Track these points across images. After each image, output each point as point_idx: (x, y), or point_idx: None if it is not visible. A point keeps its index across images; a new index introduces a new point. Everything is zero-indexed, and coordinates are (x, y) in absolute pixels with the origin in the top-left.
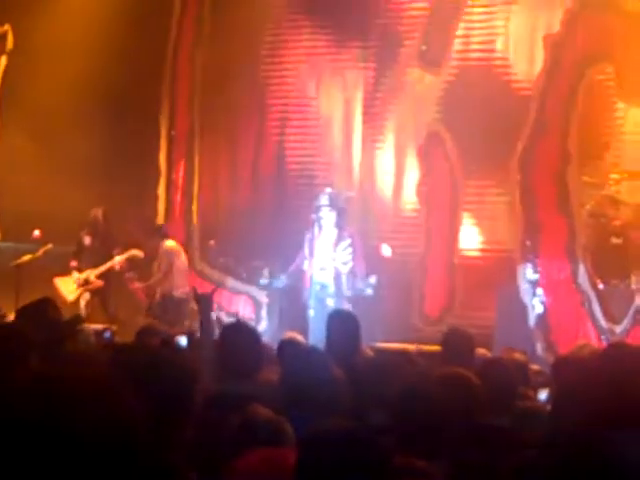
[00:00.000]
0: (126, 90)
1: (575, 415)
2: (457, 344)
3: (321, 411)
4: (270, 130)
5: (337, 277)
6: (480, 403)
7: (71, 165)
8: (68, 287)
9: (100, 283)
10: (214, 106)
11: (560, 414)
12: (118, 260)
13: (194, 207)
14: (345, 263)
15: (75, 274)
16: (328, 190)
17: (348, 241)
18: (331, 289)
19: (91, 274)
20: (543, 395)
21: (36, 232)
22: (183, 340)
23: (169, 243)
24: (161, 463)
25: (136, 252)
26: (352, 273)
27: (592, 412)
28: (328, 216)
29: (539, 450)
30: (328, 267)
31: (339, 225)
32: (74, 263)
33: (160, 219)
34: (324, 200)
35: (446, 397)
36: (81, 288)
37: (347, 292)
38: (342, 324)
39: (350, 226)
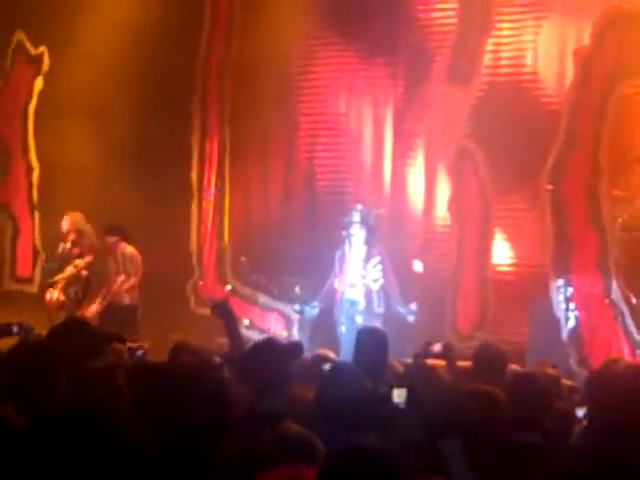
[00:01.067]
0: (157, 109)
1: (610, 430)
2: (488, 360)
3: (353, 427)
4: (300, 147)
5: (368, 294)
6: (507, 419)
7: (104, 185)
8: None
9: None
10: (245, 123)
11: (595, 429)
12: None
13: (226, 224)
14: (375, 280)
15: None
16: (359, 207)
17: (378, 258)
18: (361, 306)
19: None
20: (580, 413)
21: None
22: (217, 358)
23: (131, 248)
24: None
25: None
26: (384, 291)
27: (626, 427)
28: (358, 233)
29: (571, 463)
30: (358, 284)
31: (369, 242)
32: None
33: (193, 238)
34: (355, 217)
35: (471, 412)
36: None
37: (378, 309)
38: (371, 340)
39: (380, 243)
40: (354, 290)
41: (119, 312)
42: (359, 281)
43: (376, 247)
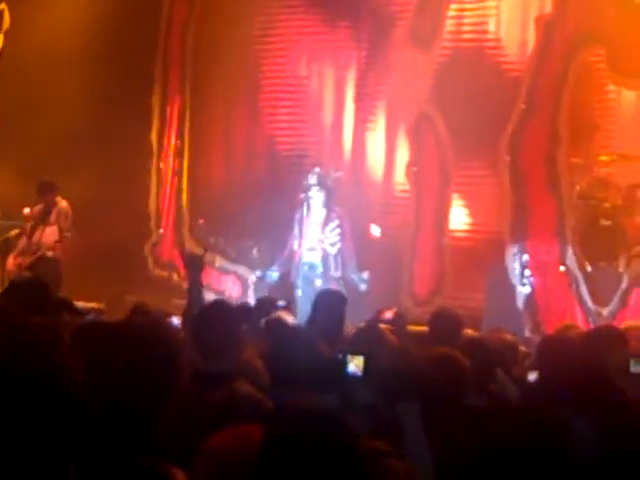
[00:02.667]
0: (118, 69)
1: (552, 394)
2: (444, 324)
3: (306, 390)
4: (262, 110)
5: (325, 258)
6: (468, 383)
7: (62, 143)
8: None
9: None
10: (206, 86)
11: (541, 391)
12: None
13: (184, 186)
14: (333, 244)
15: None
16: (317, 170)
17: (336, 222)
18: (319, 270)
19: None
20: (532, 377)
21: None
22: (176, 320)
23: (65, 203)
24: (143, 440)
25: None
26: (340, 254)
27: (571, 392)
28: (317, 196)
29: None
30: (317, 247)
31: (327, 205)
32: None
33: (152, 198)
34: (313, 180)
35: (435, 377)
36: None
37: (335, 273)
38: (329, 303)
39: (339, 206)
40: (313, 253)
41: (46, 264)
42: (317, 245)
43: (335, 211)
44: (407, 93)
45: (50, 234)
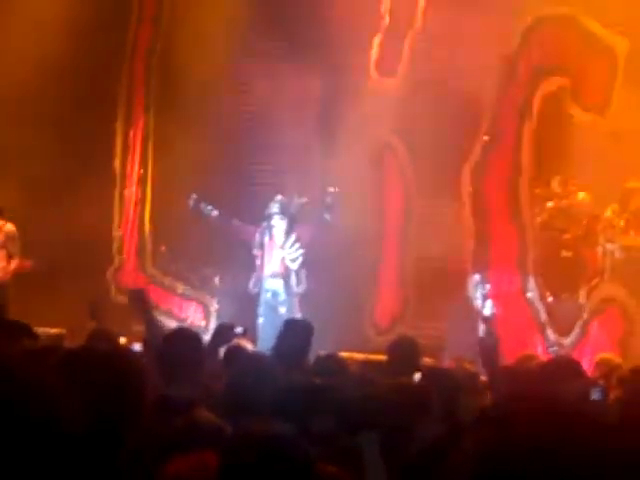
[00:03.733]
0: (82, 94)
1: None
2: (402, 353)
3: (265, 417)
4: (224, 137)
5: (287, 275)
6: (425, 412)
7: (23, 164)
8: None
9: None
10: (170, 113)
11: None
12: None
13: (147, 213)
14: (294, 260)
15: None
16: (278, 197)
17: (293, 237)
18: (282, 297)
19: None
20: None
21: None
22: (137, 346)
23: (10, 225)
24: (110, 467)
25: None
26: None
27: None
28: (279, 224)
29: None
30: (278, 273)
31: (288, 232)
32: None
33: (115, 225)
34: (275, 208)
35: (393, 406)
36: None
37: (297, 289)
38: (296, 331)
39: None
40: (275, 280)
41: None
42: (278, 265)
43: (295, 230)
44: (369, 123)
45: (0, 259)
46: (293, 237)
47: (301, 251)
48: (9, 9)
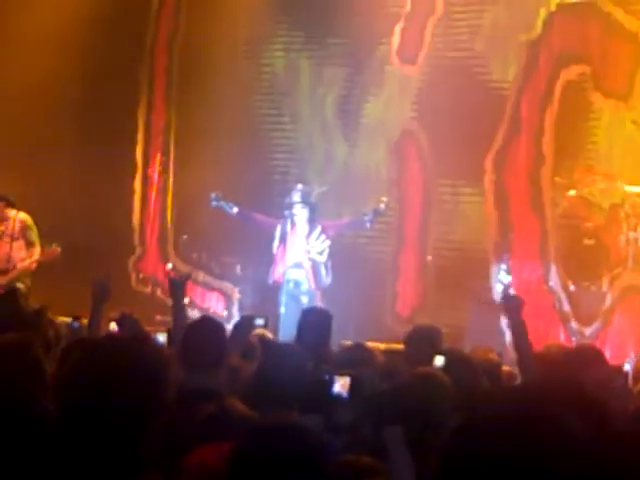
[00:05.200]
0: (103, 84)
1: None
2: (421, 342)
3: (293, 407)
4: (248, 125)
5: (315, 268)
6: (451, 403)
7: (47, 154)
8: None
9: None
10: (191, 101)
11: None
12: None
13: (169, 202)
14: (321, 252)
15: None
16: (300, 186)
17: (319, 229)
18: (304, 286)
19: None
20: None
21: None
22: (162, 337)
23: (23, 214)
24: (132, 457)
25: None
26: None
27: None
28: (301, 212)
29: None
30: (303, 262)
31: (311, 220)
32: None
33: (136, 214)
34: (296, 197)
35: (417, 398)
36: None
37: (327, 280)
38: (316, 321)
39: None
40: (298, 270)
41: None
42: (304, 259)
43: (317, 220)
44: (391, 110)
45: (18, 249)
46: (319, 229)
47: (328, 242)
48: None
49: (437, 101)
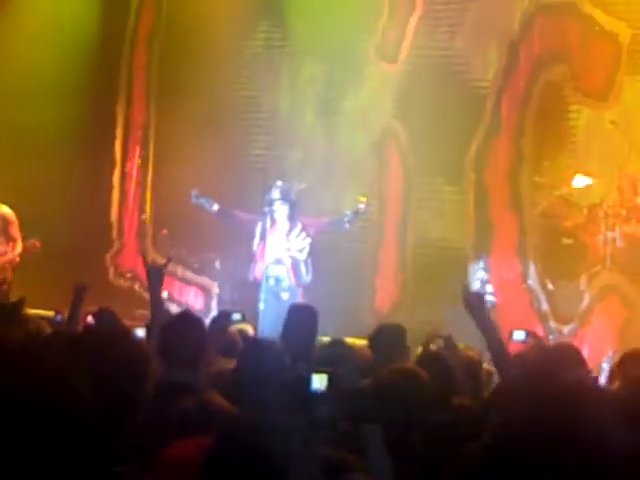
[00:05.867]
0: (83, 77)
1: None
2: (386, 340)
3: (272, 403)
4: (224, 121)
5: (295, 265)
6: (428, 398)
7: (24, 147)
8: None
9: None
10: (170, 96)
11: (501, 409)
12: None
13: (148, 196)
14: (301, 250)
15: None
16: (279, 183)
17: (299, 226)
18: (285, 283)
19: None
20: None
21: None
22: (140, 331)
23: (5, 208)
24: (110, 451)
25: None
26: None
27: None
28: (281, 209)
29: (482, 444)
30: (283, 259)
31: (291, 217)
32: None
33: (114, 208)
34: (276, 193)
35: (394, 394)
36: None
37: (307, 279)
38: (302, 317)
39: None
40: (278, 267)
41: None
42: (284, 254)
43: (297, 218)
44: (371, 107)
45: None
46: (299, 227)
47: (308, 240)
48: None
49: (417, 99)
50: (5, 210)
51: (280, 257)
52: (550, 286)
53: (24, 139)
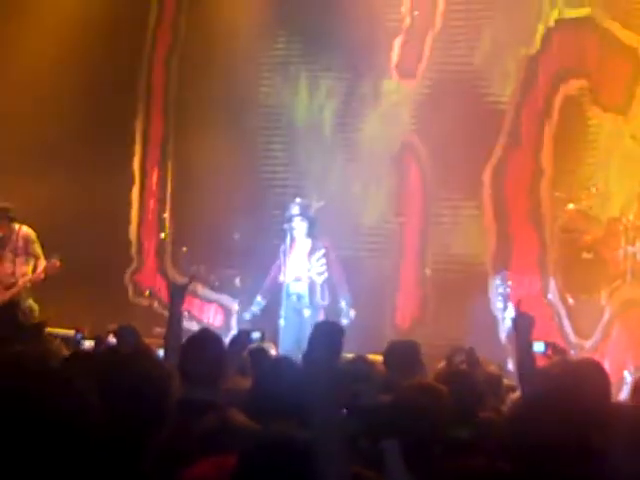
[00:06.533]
0: (102, 95)
1: (535, 425)
2: (398, 356)
3: (289, 421)
4: (245, 137)
5: (312, 287)
6: (448, 414)
7: (43, 165)
8: None
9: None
10: (189, 113)
11: (522, 423)
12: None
13: (167, 214)
14: (320, 274)
15: None
16: (298, 200)
17: (322, 251)
18: (306, 300)
19: None
20: None
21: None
22: (160, 352)
23: (26, 227)
24: (133, 470)
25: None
26: (328, 283)
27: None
28: (300, 226)
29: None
30: (303, 277)
31: (311, 235)
32: None
33: (133, 226)
34: (295, 210)
35: (412, 409)
36: None
37: (322, 302)
38: (327, 334)
39: (323, 236)
40: (299, 284)
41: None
42: (304, 274)
43: (320, 239)
44: (390, 123)
45: (20, 264)
46: (322, 251)
47: (325, 266)
48: (30, 10)
49: (436, 114)
50: (26, 230)
51: (300, 275)
52: (570, 300)
53: (42, 156)
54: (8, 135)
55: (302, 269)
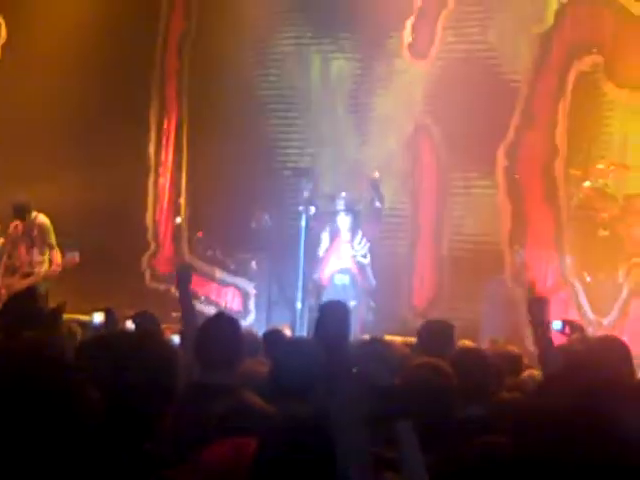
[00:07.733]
0: (116, 82)
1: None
2: (433, 336)
3: (306, 402)
4: (259, 121)
5: (362, 270)
6: (454, 391)
7: (59, 155)
8: None
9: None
10: (203, 99)
11: (544, 401)
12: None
13: (182, 200)
14: (365, 255)
15: None
16: (343, 194)
17: (360, 233)
18: (351, 291)
19: None
20: None
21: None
22: (176, 338)
23: (42, 217)
24: (139, 451)
25: None
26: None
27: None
28: (344, 220)
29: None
30: (351, 267)
31: (354, 228)
32: None
33: (149, 212)
34: (340, 205)
35: (419, 387)
36: None
37: (373, 281)
38: (334, 315)
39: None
40: (345, 276)
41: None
42: (350, 262)
43: (359, 225)
44: (403, 104)
45: (36, 253)
46: (360, 234)
47: (368, 245)
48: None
49: (449, 94)
50: (42, 219)
51: (347, 266)
52: (588, 278)
53: (61, 145)
54: (27, 129)
55: (348, 258)
